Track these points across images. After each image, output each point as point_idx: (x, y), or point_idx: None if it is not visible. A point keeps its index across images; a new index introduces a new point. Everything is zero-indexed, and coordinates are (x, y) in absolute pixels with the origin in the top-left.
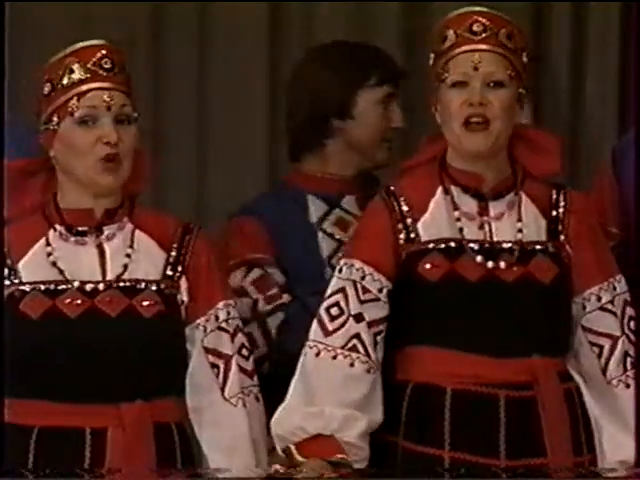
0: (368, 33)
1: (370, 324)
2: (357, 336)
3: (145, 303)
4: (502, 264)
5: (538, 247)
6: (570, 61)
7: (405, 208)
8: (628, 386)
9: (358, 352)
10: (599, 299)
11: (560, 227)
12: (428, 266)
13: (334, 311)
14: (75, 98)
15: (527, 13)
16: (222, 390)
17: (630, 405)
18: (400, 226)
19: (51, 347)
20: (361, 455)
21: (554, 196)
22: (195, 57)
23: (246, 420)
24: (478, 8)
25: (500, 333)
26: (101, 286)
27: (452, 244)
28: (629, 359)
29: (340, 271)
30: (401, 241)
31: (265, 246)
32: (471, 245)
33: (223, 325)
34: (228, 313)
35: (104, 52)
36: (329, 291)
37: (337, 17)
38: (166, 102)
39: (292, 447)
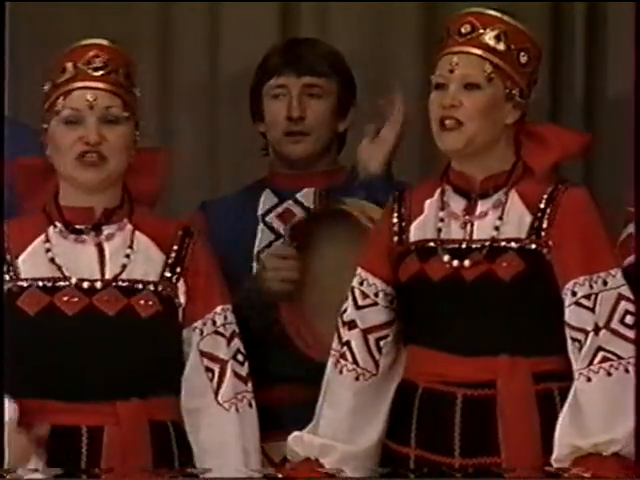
0: (382, 36)
1: (369, 330)
2: (347, 344)
3: (142, 303)
4: (467, 262)
5: (512, 244)
6: (585, 60)
7: (405, 211)
8: (589, 380)
9: (346, 360)
10: (574, 294)
11: (545, 224)
12: (403, 267)
13: (345, 317)
14: (61, 97)
15: (543, 14)
16: (216, 394)
17: (588, 400)
18: (396, 229)
19: (47, 344)
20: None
21: (548, 192)
22: (206, 55)
23: (238, 425)
24: (477, 9)
25: (464, 331)
26: (99, 284)
27: (427, 245)
28: (601, 353)
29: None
30: (394, 243)
31: None
32: (444, 245)
33: (220, 329)
34: (225, 318)
35: (95, 52)
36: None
37: (350, 21)
38: (176, 100)
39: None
